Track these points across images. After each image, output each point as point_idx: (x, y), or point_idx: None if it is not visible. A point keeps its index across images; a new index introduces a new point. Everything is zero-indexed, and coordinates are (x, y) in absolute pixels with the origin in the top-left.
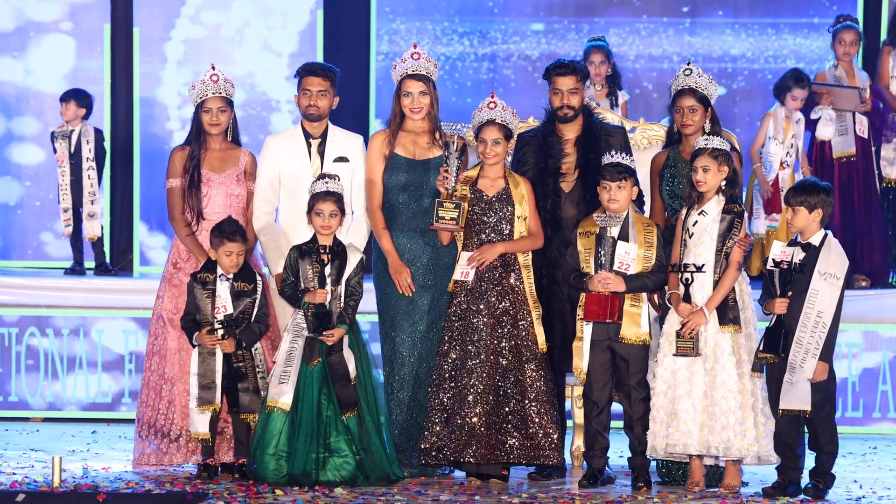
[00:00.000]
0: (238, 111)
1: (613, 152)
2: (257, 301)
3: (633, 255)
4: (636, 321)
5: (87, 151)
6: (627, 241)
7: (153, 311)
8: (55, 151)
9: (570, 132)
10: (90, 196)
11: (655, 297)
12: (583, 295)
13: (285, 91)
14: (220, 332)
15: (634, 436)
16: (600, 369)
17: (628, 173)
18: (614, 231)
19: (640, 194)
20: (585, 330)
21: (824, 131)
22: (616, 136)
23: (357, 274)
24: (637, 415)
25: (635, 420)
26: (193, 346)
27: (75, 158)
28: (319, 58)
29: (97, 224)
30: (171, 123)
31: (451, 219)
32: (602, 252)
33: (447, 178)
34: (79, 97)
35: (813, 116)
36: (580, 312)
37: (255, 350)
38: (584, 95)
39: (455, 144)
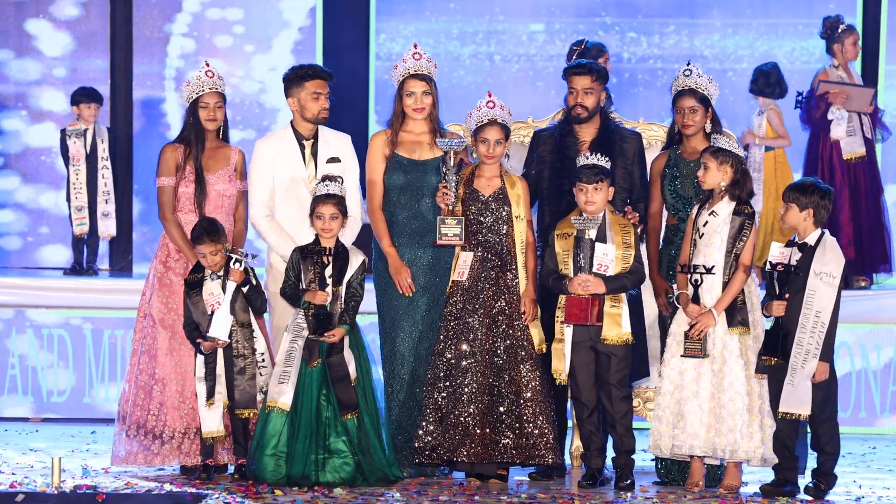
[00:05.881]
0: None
1: (589, 153)
2: (247, 289)
3: (611, 257)
4: (617, 322)
5: (102, 150)
6: (605, 242)
7: (139, 308)
8: (67, 149)
9: (587, 134)
10: (104, 195)
11: (667, 294)
12: (562, 297)
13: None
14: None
15: (617, 435)
16: (585, 370)
17: (604, 175)
18: (592, 233)
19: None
20: (566, 332)
21: (836, 131)
22: (631, 141)
23: (359, 276)
24: (619, 414)
25: (617, 419)
26: (202, 354)
27: (91, 157)
28: (318, 59)
29: (112, 223)
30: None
31: (455, 235)
32: (581, 254)
33: (447, 193)
34: (95, 97)
35: (829, 117)
36: (560, 315)
37: (256, 340)
38: (601, 98)
39: (452, 159)
